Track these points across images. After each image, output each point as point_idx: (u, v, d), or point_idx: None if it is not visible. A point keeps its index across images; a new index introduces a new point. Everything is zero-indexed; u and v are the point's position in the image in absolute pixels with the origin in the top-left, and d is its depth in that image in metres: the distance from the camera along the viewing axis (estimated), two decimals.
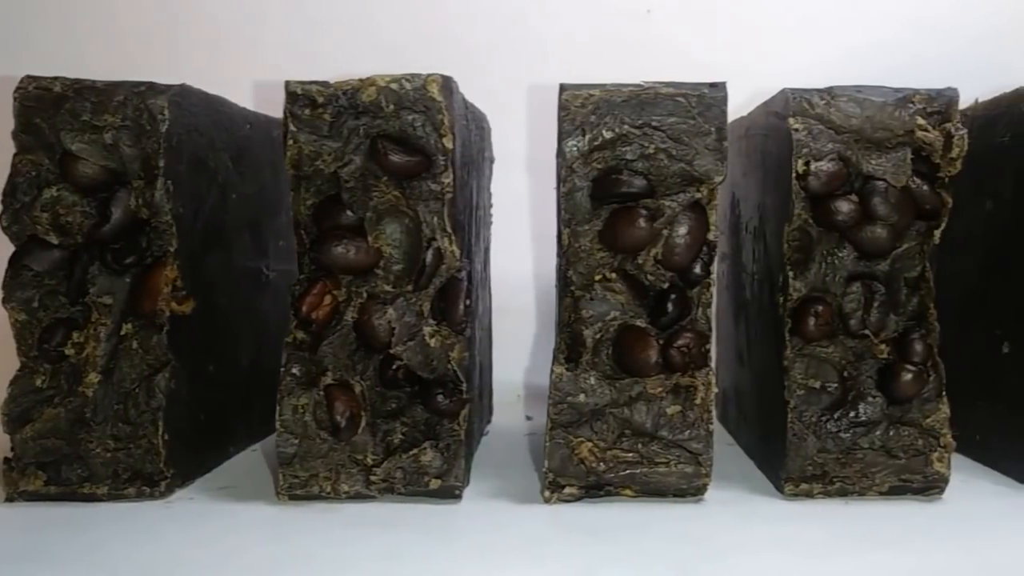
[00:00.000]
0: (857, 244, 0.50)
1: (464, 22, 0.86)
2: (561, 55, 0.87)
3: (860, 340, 0.51)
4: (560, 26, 0.87)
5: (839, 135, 0.50)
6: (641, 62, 0.86)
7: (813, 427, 0.50)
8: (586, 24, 0.87)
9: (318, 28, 0.86)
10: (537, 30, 0.86)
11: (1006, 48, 0.85)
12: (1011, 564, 0.42)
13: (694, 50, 0.87)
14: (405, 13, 0.87)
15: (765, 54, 0.88)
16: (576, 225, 0.50)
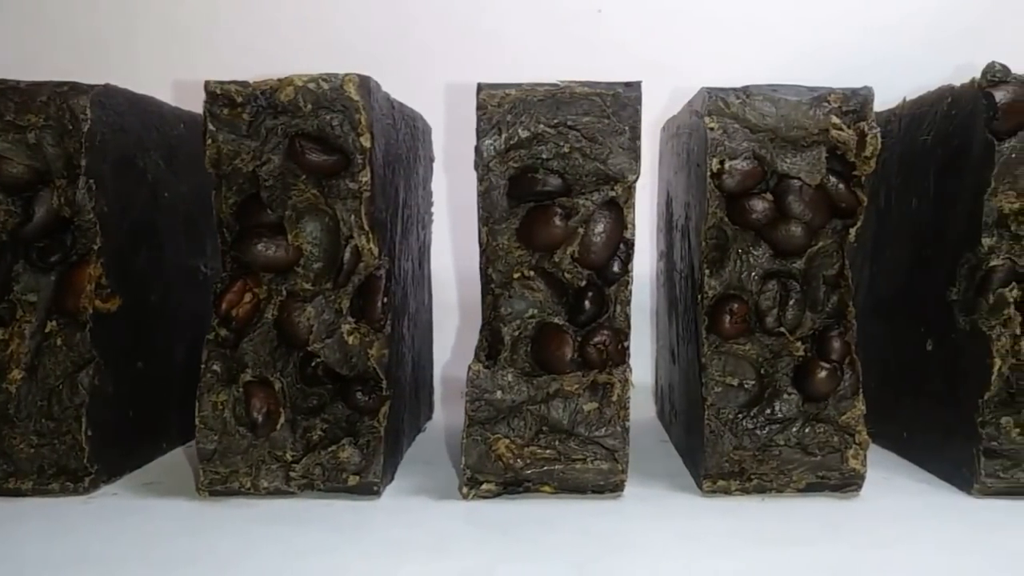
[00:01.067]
0: (772, 242, 0.50)
1: (416, 22, 0.87)
2: (513, 54, 0.87)
3: (777, 338, 0.51)
4: (512, 26, 0.87)
5: (754, 134, 0.50)
6: (592, 62, 0.86)
7: (730, 424, 0.51)
8: (538, 23, 0.87)
9: (270, 29, 0.86)
10: (489, 30, 0.87)
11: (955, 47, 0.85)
12: (918, 562, 0.42)
13: (645, 50, 0.87)
14: (356, 13, 0.87)
15: (717, 54, 0.88)
16: (493, 224, 0.50)
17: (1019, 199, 0.50)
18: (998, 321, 0.50)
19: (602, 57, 0.88)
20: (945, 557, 0.43)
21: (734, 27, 0.87)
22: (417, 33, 0.87)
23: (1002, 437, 0.50)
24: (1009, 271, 0.50)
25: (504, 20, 0.87)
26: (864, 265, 0.65)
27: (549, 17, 0.88)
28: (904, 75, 0.74)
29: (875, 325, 0.64)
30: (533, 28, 0.87)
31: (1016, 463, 0.50)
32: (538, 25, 0.88)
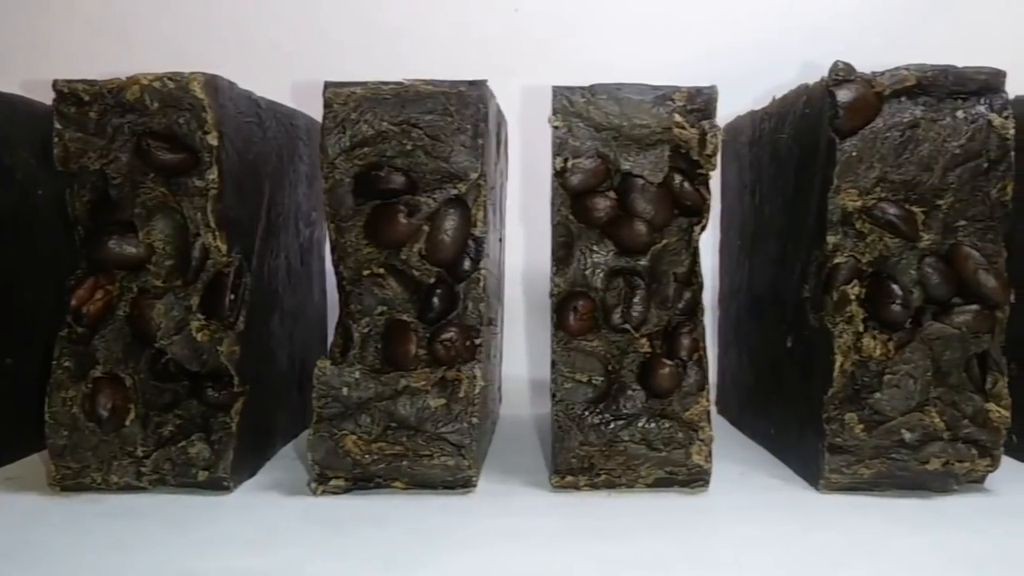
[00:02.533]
0: (616, 240, 0.51)
1: (331, 22, 0.87)
2: (429, 53, 0.87)
3: (623, 334, 0.51)
4: (428, 24, 0.87)
5: (599, 132, 0.50)
6: (509, 60, 0.87)
7: (577, 420, 0.51)
8: (454, 22, 0.88)
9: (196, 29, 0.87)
10: (405, 28, 0.87)
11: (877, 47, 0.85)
12: (740, 557, 0.43)
13: (562, 48, 0.88)
14: (268, 14, 0.87)
15: (631, 53, 0.89)
16: (340, 221, 0.51)
17: (861, 197, 0.50)
18: (842, 318, 0.51)
19: (520, 56, 0.88)
20: (768, 553, 0.43)
21: (653, 25, 0.88)
22: (333, 33, 0.87)
23: (846, 433, 0.51)
24: (852, 268, 0.51)
25: (420, 19, 0.87)
26: (743, 261, 0.66)
27: (466, 16, 0.88)
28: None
29: (752, 321, 0.64)
30: (452, 26, 0.88)
31: (860, 459, 0.51)
32: (456, 23, 0.88)
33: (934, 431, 0.50)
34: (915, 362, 0.50)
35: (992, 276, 0.50)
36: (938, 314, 0.51)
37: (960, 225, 0.51)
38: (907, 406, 0.50)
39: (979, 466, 0.51)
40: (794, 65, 0.83)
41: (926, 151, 0.50)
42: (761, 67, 0.84)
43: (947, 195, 0.50)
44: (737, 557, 0.43)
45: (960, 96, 0.50)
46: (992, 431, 0.51)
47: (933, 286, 0.51)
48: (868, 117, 0.50)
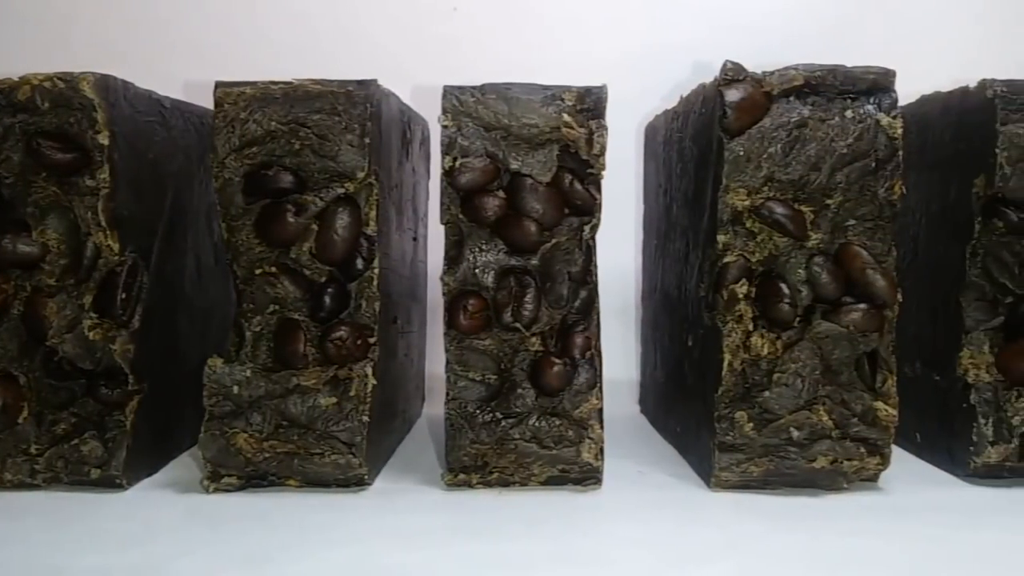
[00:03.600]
0: (506, 239, 0.51)
1: (266, 21, 0.87)
2: (366, 53, 0.87)
3: (515, 333, 0.52)
4: (365, 24, 0.87)
5: (488, 132, 0.51)
6: (447, 60, 0.87)
7: (469, 418, 0.51)
8: (393, 22, 0.88)
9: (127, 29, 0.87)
10: (342, 27, 0.87)
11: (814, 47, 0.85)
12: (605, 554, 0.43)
13: (501, 47, 0.88)
14: (217, 13, 0.87)
15: (571, 52, 0.89)
16: (231, 220, 0.51)
17: (750, 197, 0.51)
18: (731, 317, 0.51)
19: (459, 55, 0.88)
20: (641, 550, 0.43)
21: (591, 24, 0.88)
22: (270, 33, 0.87)
23: (736, 431, 0.51)
24: (742, 268, 0.51)
25: (358, 18, 0.88)
26: (658, 261, 0.66)
27: (404, 15, 0.88)
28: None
29: (664, 320, 0.65)
30: (389, 26, 0.88)
31: (750, 457, 0.51)
32: (394, 23, 0.88)
33: (822, 429, 0.51)
34: (803, 361, 0.51)
35: (880, 275, 0.50)
36: (827, 313, 0.51)
37: (850, 224, 0.51)
38: (795, 404, 0.51)
39: (869, 464, 0.51)
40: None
41: (813, 151, 0.50)
42: (703, 65, 0.84)
43: (836, 195, 0.51)
44: (609, 553, 0.43)
45: (850, 96, 0.51)
46: (881, 430, 0.51)
47: (822, 285, 0.51)
48: (756, 117, 0.50)
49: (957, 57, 0.83)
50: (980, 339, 0.53)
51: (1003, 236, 0.52)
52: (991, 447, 0.52)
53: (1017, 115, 0.51)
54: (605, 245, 0.83)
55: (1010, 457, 0.52)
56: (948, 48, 0.85)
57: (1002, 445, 0.52)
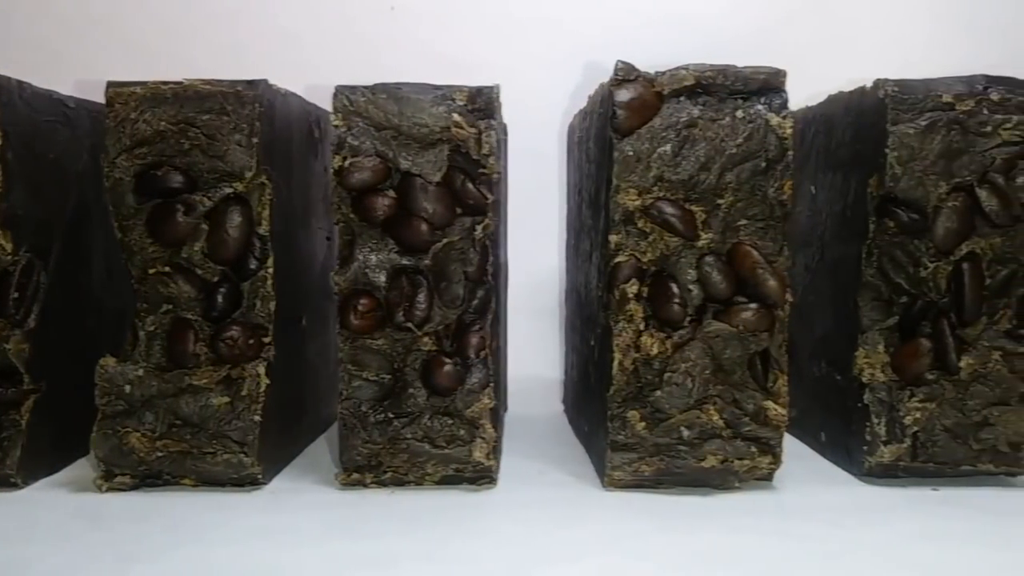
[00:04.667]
0: (397, 239, 0.51)
1: (206, 21, 0.87)
2: (303, 53, 0.87)
3: (408, 333, 0.52)
4: (302, 23, 0.87)
5: (379, 132, 0.51)
6: (384, 59, 0.87)
7: (362, 417, 0.51)
8: (329, 21, 0.88)
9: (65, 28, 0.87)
10: (281, 27, 0.87)
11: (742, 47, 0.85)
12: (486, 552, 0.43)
13: (438, 47, 0.88)
14: (152, 13, 0.87)
15: (511, 51, 0.89)
16: (123, 220, 0.51)
17: (641, 197, 0.51)
18: (623, 316, 0.51)
19: (397, 55, 0.88)
20: (506, 548, 0.43)
21: (527, 23, 0.88)
22: (209, 33, 0.87)
23: (628, 430, 0.51)
24: (632, 267, 0.51)
25: (296, 18, 0.87)
26: (574, 260, 0.66)
27: (341, 15, 0.88)
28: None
29: (577, 319, 0.65)
30: (325, 26, 0.88)
31: (641, 456, 0.51)
32: (330, 23, 0.88)
33: (712, 428, 0.51)
34: (694, 360, 0.51)
35: (771, 275, 0.51)
36: (719, 313, 0.51)
37: (741, 224, 0.51)
38: (686, 404, 0.51)
39: (762, 464, 0.51)
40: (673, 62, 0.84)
41: (703, 151, 0.50)
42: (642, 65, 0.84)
43: (727, 194, 0.51)
44: (479, 552, 0.43)
45: (741, 96, 0.51)
46: (772, 429, 0.51)
47: (713, 285, 0.51)
48: (646, 117, 0.50)
49: (895, 56, 0.83)
50: (875, 339, 0.53)
51: (896, 236, 0.52)
52: (884, 447, 0.52)
53: (908, 115, 0.51)
54: (536, 245, 0.84)
55: (903, 457, 0.52)
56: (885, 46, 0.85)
57: (895, 444, 0.52)
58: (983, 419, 0.52)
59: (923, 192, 0.51)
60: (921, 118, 0.51)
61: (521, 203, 0.81)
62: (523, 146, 0.83)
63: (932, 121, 0.51)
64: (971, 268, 0.52)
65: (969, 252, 0.52)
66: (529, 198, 0.83)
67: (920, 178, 0.51)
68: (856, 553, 0.43)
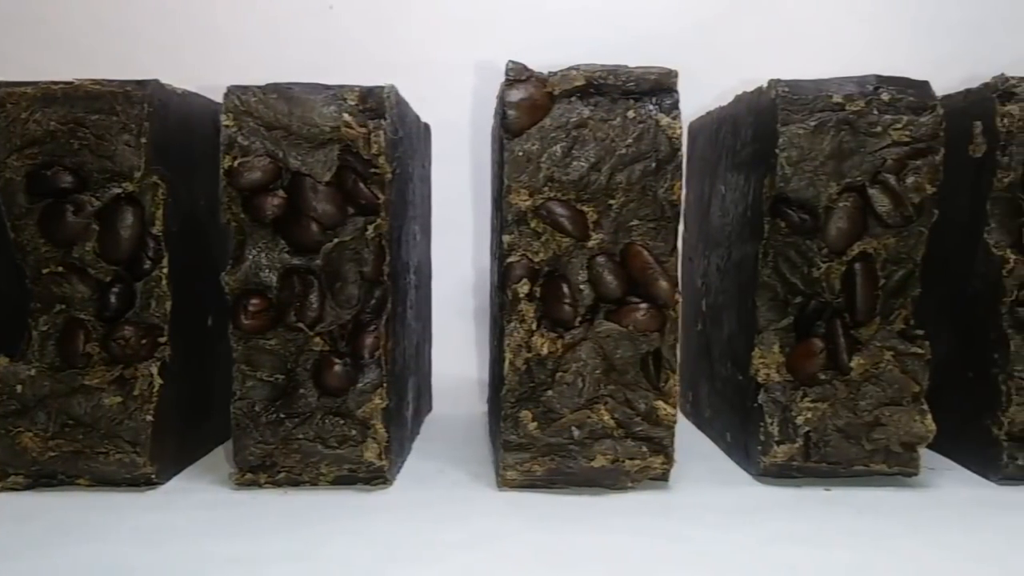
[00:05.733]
0: (288, 239, 0.51)
1: (145, 20, 0.87)
2: (243, 53, 0.87)
3: (300, 333, 0.52)
4: (240, 23, 0.87)
5: (269, 131, 0.51)
6: (319, 59, 0.87)
7: (255, 417, 0.51)
8: (266, 21, 0.87)
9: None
10: (218, 27, 0.87)
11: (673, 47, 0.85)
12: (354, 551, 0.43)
13: (375, 47, 0.88)
14: (86, 11, 0.87)
15: (446, 51, 0.89)
16: (15, 219, 0.51)
17: (532, 197, 0.51)
18: (515, 316, 0.51)
19: (335, 54, 0.88)
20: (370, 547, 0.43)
21: (468, 23, 0.87)
22: (148, 33, 0.87)
23: (520, 430, 0.51)
24: (525, 267, 0.51)
25: (232, 18, 0.87)
26: (491, 260, 0.66)
27: (279, 14, 0.88)
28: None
29: (489, 319, 0.65)
30: (263, 25, 0.88)
31: (534, 456, 0.51)
32: (268, 22, 0.88)
33: (603, 428, 0.51)
34: (585, 360, 0.51)
35: (661, 276, 0.51)
36: (610, 313, 0.51)
37: (633, 225, 0.51)
38: (576, 403, 0.51)
39: (654, 463, 0.51)
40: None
41: (593, 151, 0.51)
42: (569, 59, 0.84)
43: (618, 195, 0.51)
44: (348, 553, 0.43)
45: (633, 96, 0.51)
46: (664, 428, 0.51)
47: (604, 285, 0.51)
48: (537, 117, 0.50)
49: (834, 55, 0.83)
50: (770, 339, 0.53)
51: (789, 236, 0.52)
52: (777, 446, 0.52)
53: (798, 115, 0.51)
54: (469, 245, 0.84)
55: (796, 456, 0.52)
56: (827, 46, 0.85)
57: (788, 444, 0.52)
58: (875, 419, 0.52)
59: (814, 192, 0.51)
60: (811, 118, 0.51)
61: (450, 204, 0.81)
62: (454, 147, 0.83)
63: (822, 121, 0.51)
64: (863, 268, 0.52)
65: (862, 252, 0.52)
66: (459, 199, 0.83)
67: (811, 178, 0.51)
68: (726, 552, 0.43)
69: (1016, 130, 0.52)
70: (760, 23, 0.86)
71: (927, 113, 0.51)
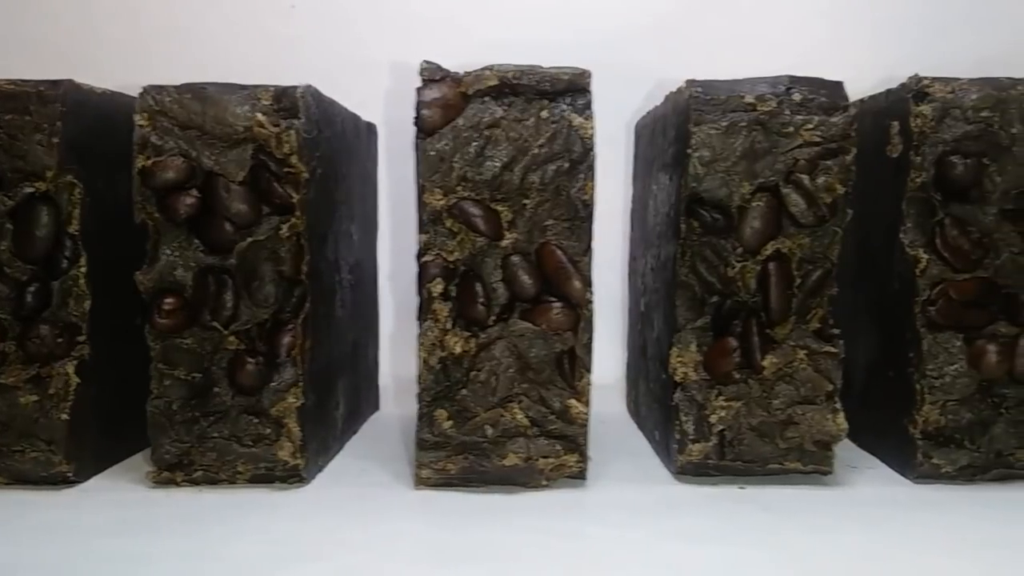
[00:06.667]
0: (202, 238, 0.51)
1: (106, 20, 0.87)
2: (207, 52, 0.87)
3: (214, 332, 0.52)
4: (204, 22, 0.87)
5: (183, 131, 0.51)
6: (284, 58, 0.87)
7: (171, 416, 0.52)
8: (229, 19, 0.87)
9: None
10: (181, 28, 0.87)
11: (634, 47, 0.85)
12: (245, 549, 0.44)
13: (340, 46, 0.87)
14: (48, 12, 0.87)
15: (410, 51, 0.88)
16: None
17: (446, 196, 0.51)
18: (430, 316, 0.51)
19: (296, 53, 0.88)
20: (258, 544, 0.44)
21: (436, 24, 0.87)
22: (112, 31, 0.87)
23: (435, 428, 0.51)
24: (440, 267, 0.51)
25: (196, 17, 0.87)
26: None
27: (242, 13, 0.88)
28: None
29: None
30: (226, 24, 0.88)
31: (448, 454, 0.51)
32: (231, 21, 0.88)
33: (516, 427, 0.51)
34: (499, 359, 0.51)
35: (574, 275, 0.51)
36: (525, 312, 0.51)
37: (548, 224, 0.51)
38: (490, 402, 0.51)
39: (569, 462, 0.52)
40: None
41: (506, 151, 0.51)
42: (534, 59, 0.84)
43: (532, 195, 0.51)
44: (237, 551, 0.43)
45: (547, 96, 0.51)
46: (579, 427, 0.51)
47: (519, 284, 0.51)
48: (449, 117, 0.51)
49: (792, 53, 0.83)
50: (688, 338, 0.53)
51: (703, 236, 0.52)
52: (692, 444, 0.52)
53: (711, 116, 0.52)
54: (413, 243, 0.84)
55: (711, 455, 0.52)
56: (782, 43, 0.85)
57: (702, 443, 0.52)
58: (788, 418, 0.52)
59: (727, 192, 0.52)
60: (724, 119, 0.51)
61: (407, 203, 0.81)
62: (410, 147, 0.83)
63: (734, 122, 0.51)
64: (777, 268, 0.52)
65: (776, 252, 0.52)
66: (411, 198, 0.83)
67: (724, 178, 0.52)
68: (616, 550, 0.43)
69: (929, 130, 0.52)
70: (715, 22, 0.86)
71: (839, 113, 0.51)
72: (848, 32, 0.85)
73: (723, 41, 0.85)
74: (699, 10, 0.86)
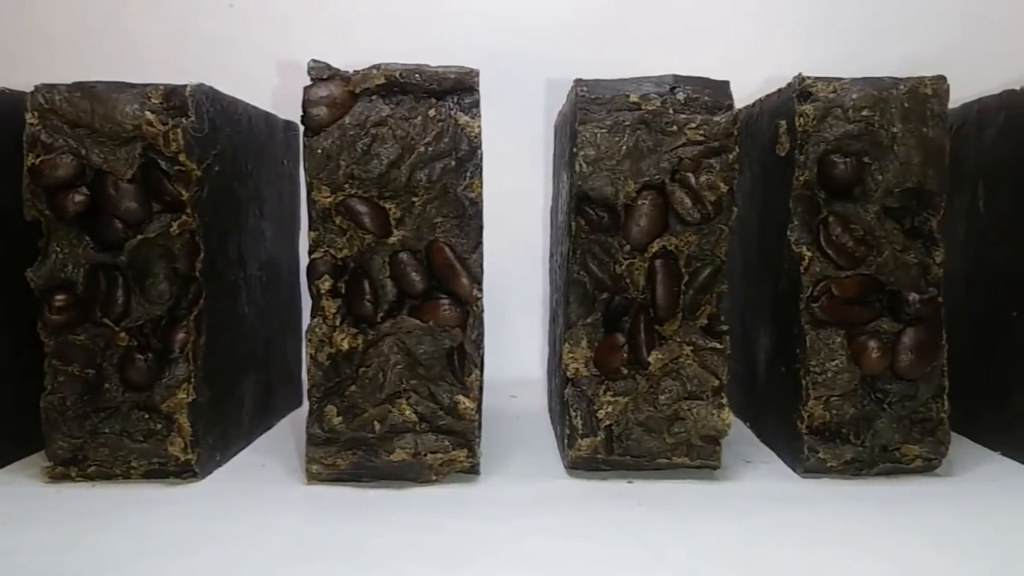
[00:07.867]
0: (92, 235, 0.52)
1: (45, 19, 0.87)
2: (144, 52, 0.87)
3: (105, 328, 0.52)
4: (141, 22, 0.87)
5: (73, 129, 0.51)
6: (220, 58, 0.87)
7: (64, 411, 0.52)
8: (167, 18, 0.87)
9: None
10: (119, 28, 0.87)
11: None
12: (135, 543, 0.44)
13: (275, 45, 0.87)
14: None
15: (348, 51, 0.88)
16: None
17: (333, 194, 0.51)
18: (318, 313, 0.52)
19: (233, 53, 0.88)
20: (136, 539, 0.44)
21: (371, 21, 0.87)
22: (47, 29, 0.87)
23: (325, 424, 0.52)
24: (327, 264, 0.52)
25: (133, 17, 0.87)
26: None
27: (179, 12, 0.88)
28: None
29: None
30: (163, 23, 0.88)
31: (338, 450, 0.52)
32: (168, 20, 0.88)
33: (404, 423, 0.52)
34: (386, 355, 0.52)
35: (461, 273, 0.51)
36: (414, 309, 0.52)
37: (437, 222, 0.52)
38: (378, 398, 0.52)
39: (459, 457, 0.52)
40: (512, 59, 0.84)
41: (393, 149, 0.51)
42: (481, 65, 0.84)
43: (420, 192, 0.51)
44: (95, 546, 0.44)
45: (435, 95, 0.51)
46: (467, 422, 0.52)
47: (407, 281, 0.52)
48: (335, 115, 0.51)
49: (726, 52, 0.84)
50: (579, 334, 0.54)
51: (591, 234, 0.53)
52: (581, 439, 0.53)
53: (596, 115, 0.52)
54: None
55: (599, 449, 0.53)
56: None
57: (591, 438, 0.53)
58: (674, 413, 0.53)
59: (613, 191, 0.52)
60: (608, 118, 0.52)
61: None
62: None
63: (618, 121, 0.52)
64: (664, 265, 0.52)
65: (663, 249, 0.53)
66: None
67: (609, 177, 0.52)
68: (482, 544, 0.44)
69: (811, 129, 0.52)
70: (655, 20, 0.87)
71: (722, 112, 0.52)
72: (775, 32, 0.85)
73: (661, 38, 0.86)
74: (637, 9, 0.87)
